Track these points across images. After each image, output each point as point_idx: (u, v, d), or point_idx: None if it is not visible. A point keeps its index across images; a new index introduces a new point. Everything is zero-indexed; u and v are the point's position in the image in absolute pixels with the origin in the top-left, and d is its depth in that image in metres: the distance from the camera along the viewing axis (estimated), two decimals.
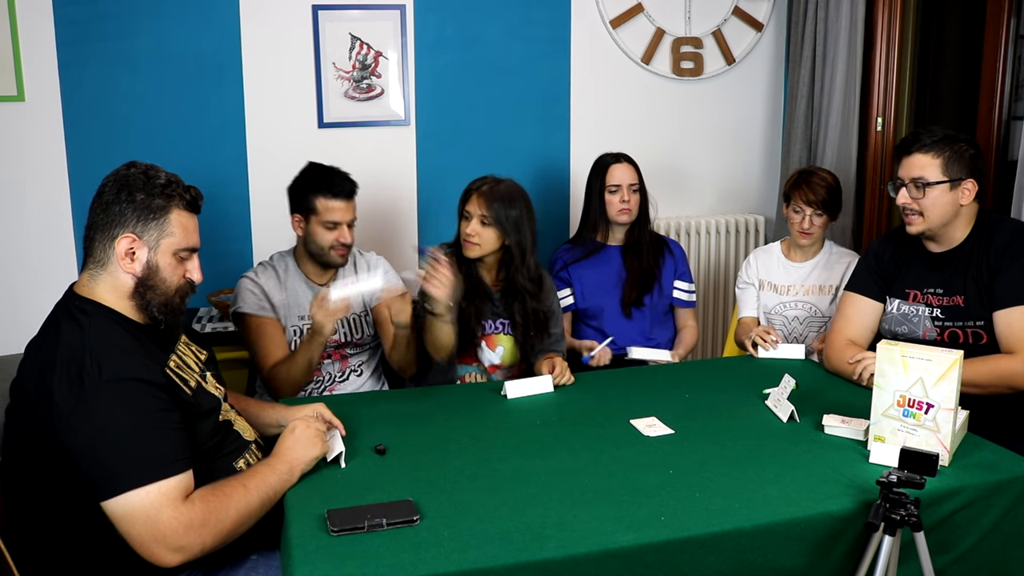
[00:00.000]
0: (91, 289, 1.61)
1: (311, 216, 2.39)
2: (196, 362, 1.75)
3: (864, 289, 2.33)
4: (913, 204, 2.15)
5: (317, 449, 1.71)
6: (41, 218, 3.06)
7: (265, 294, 2.40)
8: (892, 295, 2.29)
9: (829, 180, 2.66)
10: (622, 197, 2.73)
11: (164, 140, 3.11)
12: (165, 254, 1.62)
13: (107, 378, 1.48)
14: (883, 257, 2.33)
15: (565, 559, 1.42)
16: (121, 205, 1.59)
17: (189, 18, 3.08)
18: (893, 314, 2.28)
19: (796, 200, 2.66)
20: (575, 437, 1.93)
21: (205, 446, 1.64)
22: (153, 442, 1.49)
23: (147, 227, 1.60)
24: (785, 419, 2.01)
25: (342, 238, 2.39)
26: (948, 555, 1.67)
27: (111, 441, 1.46)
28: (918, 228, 2.17)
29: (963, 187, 2.12)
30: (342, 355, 2.51)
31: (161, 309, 1.63)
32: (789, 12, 3.63)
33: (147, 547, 1.46)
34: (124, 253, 1.59)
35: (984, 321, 2.13)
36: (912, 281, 2.26)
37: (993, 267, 2.11)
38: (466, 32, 3.35)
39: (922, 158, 2.13)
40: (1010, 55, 2.93)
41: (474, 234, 2.38)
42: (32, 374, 1.53)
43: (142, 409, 1.50)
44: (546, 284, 2.55)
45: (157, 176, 1.63)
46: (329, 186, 2.38)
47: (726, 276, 3.72)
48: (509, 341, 2.53)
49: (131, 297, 1.61)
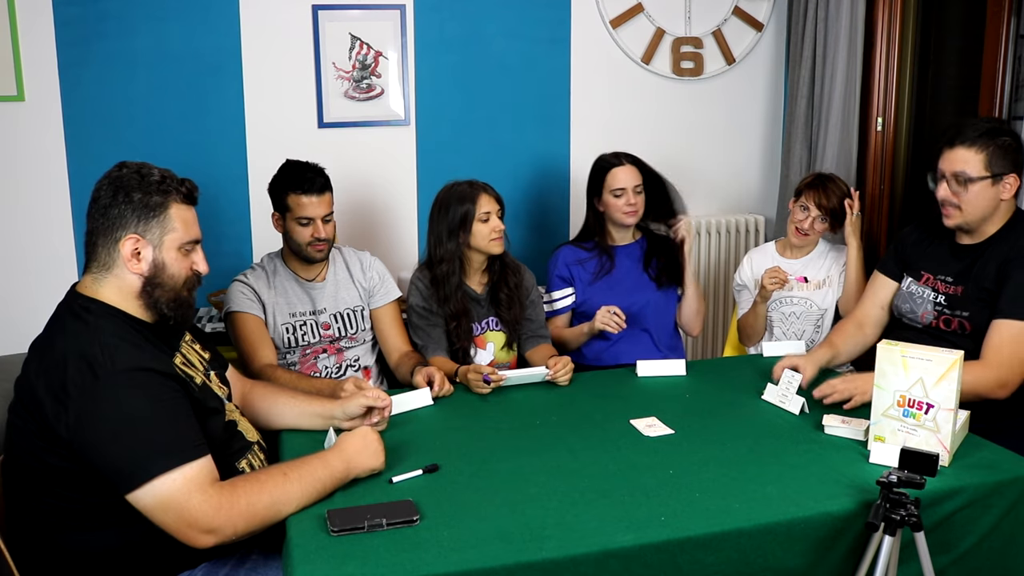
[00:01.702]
0: (95, 291, 1.61)
1: (287, 213, 2.43)
2: (200, 360, 1.76)
3: (883, 267, 2.41)
4: (953, 198, 2.13)
5: (379, 462, 1.71)
6: (41, 218, 3.06)
7: (255, 293, 2.43)
8: (908, 273, 2.32)
9: (844, 190, 2.67)
10: (628, 200, 2.70)
11: (164, 140, 3.10)
12: (170, 250, 1.63)
13: (121, 368, 1.48)
14: (910, 239, 2.36)
15: (565, 559, 1.42)
16: (120, 207, 1.59)
17: (189, 18, 3.08)
18: (903, 291, 2.31)
19: (808, 198, 2.66)
20: (575, 437, 1.93)
21: (213, 445, 1.64)
22: (173, 428, 1.50)
23: (149, 226, 1.60)
24: (797, 412, 2.02)
25: (317, 233, 2.41)
26: (948, 555, 1.67)
27: (131, 430, 1.46)
28: (955, 221, 2.16)
29: (1005, 182, 2.10)
30: (337, 348, 2.52)
31: (170, 305, 1.64)
32: (789, 12, 3.63)
33: (182, 532, 1.47)
34: (130, 254, 1.60)
35: (970, 313, 2.13)
36: (930, 265, 2.27)
37: (1006, 269, 2.10)
38: (466, 32, 3.35)
39: (965, 152, 2.09)
40: (1010, 55, 2.93)
41: (503, 228, 2.49)
42: (40, 373, 1.53)
43: (158, 396, 1.51)
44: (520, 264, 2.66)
45: (151, 174, 1.63)
46: (300, 183, 2.40)
47: (726, 276, 3.72)
48: (498, 336, 2.59)
49: (139, 296, 1.62)
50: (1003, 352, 2.02)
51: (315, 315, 2.49)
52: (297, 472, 1.58)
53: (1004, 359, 2.02)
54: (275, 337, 2.43)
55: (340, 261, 2.58)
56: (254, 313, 2.41)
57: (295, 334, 2.45)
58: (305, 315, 2.47)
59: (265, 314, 2.43)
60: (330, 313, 2.50)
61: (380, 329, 2.57)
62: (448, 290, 2.48)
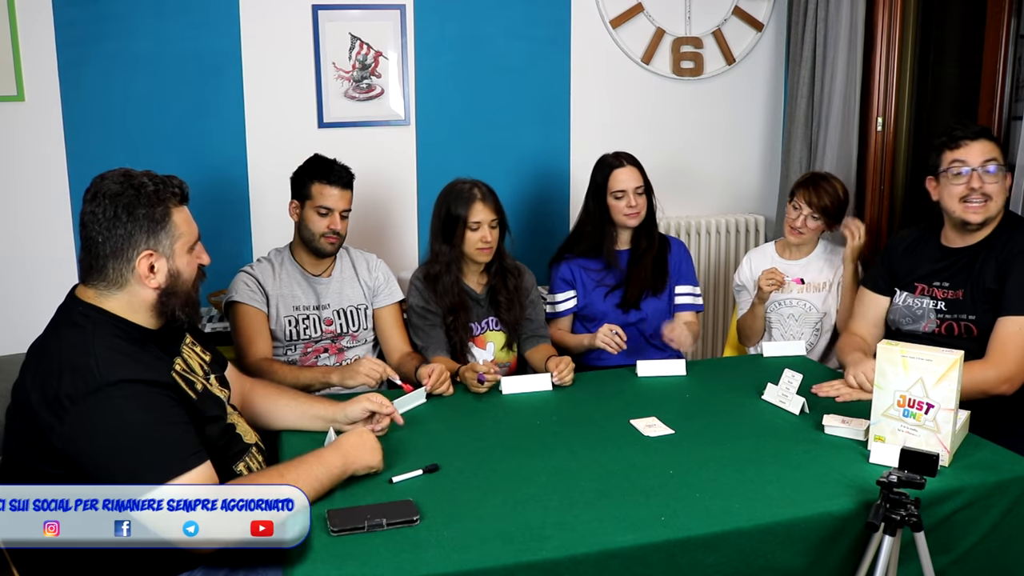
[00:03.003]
0: (99, 301, 1.60)
1: (306, 201, 2.46)
2: (200, 364, 1.75)
3: (870, 284, 2.41)
4: (988, 188, 2.13)
5: (376, 459, 1.71)
6: (41, 218, 3.06)
7: (259, 284, 2.45)
8: (901, 287, 2.32)
9: (837, 190, 2.68)
10: (628, 203, 2.67)
11: (164, 140, 3.10)
12: (181, 256, 1.63)
13: (114, 380, 1.47)
14: (897, 250, 2.37)
15: (565, 559, 1.42)
16: (125, 227, 1.56)
17: (189, 18, 3.08)
18: (899, 306, 2.30)
19: (799, 197, 2.68)
20: (575, 437, 1.93)
21: (212, 449, 1.64)
22: (168, 439, 1.49)
23: (159, 238, 1.59)
24: (797, 412, 2.02)
25: (333, 225, 2.45)
26: (948, 555, 1.67)
27: (126, 442, 1.46)
28: (984, 215, 2.15)
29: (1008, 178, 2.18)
30: (338, 348, 2.53)
31: (183, 308, 1.64)
32: (789, 12, 3.63)
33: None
34: (146, 271, 1.59)
35: (976, 316, 2.14)
36: (922, 274, 2.28)
37: (1006, 267, 2.11)
38: (466, 32, 3.35)
39: (987, 143, 2.15)
40: (1010, 55, 2.92)
41: (492, 239, 2.48)
42: (35, 381, 1.52)
43: (152, 407, 1.50)
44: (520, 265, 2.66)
45: (143, 184, 1.59)
46: (326, 173, 2.46)
47: (726, 276, 3.72)
48: (497, 336, 2.59)
49: (152, 308, 1.61)
50: (1008, 348, 2.04)
51: (319, 310, 2.50)
52: (294, 472, 1.58)
53: (1009, 355, 2.03)
54: (277, 329, 2.44)
55: (347, 259, 2.61)
56: (255, 305, 2.42)
57: (297, 327, 2.47)
58: (308, 309, 2.49)
59: (268, 306, 2.44)
60: (333, 309, 2.51)
61: (382, 329, 2.58)
62: (444, 285, 2.49)
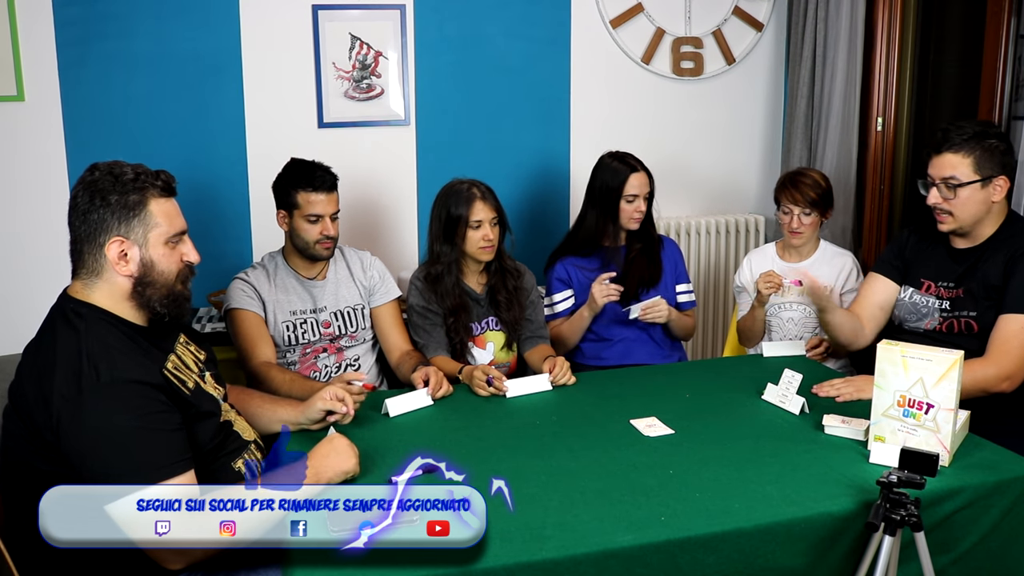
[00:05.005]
0: (86, 295, 1.60)
1: (294, 211, 2.44)
2: (195, 362, 1.75)
3: (883, 268, 2.39)
4: (944, 204, 2.14)
5: (351, 463, 1.68)
6: (40, 218, 3.05)
7: (255, 290, 2.43)
8: (908, 283, 2.31)
9: (817, 179, 2.67)
10: (639, 207, 2.70)
11: (164, 140, 3.10)
12: (156, 247, 1.62)
13: (105, 381, 1.48)
14: (908, 244, 2.36)
15: (565, 559, 1.42)
16: (98, 212, 1.57)
17: (189, 18, 3.08)
18: (904, 302, 2.30)
19: (784, 202, 2.68)
20: (575, 437, 1.93)
21: (207, 447, 1.64)
22: (152, 445, 1.49)
23: (131, 226, 1.59)
24: (797, 412, 2.02)
25: (325, 231, 2.43)
26: (948, 555, 1.67)
27: (110, 446, 1.46)
28: (949, 227, 2.17)
29: (995, 184, 2.11)
30: (337, 348, 2.53)
31: (163, 302, 1.63)
32: (789, 12, 3.63)
33: (153, 551, 1.46)
34: (117, 257, 1.58)
35: (977, 312, 2.14)
36: (929, 272, 2.27)
37: (1012, 265, 2.10)
38: (466, 32, 3.35)
39: (952, 157, 2.11)
40: (1010, 55, 2.92)
41: (494, 237, 2.48)
42: (30, 379, 1.53)
43: (140, 411, 1.50)
44: (520, 266, 2.66)
45: (124, 172, 1.60)
46: (309, 180, 2.42)
47: (726, 276, 3.72)
48: (497, 336, 2.59)
49: (130, 298, 1.61)
50: (1009, 345, 2.04)
51: (315, 313, 2.49)
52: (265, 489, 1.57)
53: (1010, 353, 2.03)
54: (275, 335, 2.44)
55: (341, 260, 2.59)
56: (253, 310, 2.41)
57: (295, 332, 2.46)
58: (305, 313, 2.48)
59: (265, 312, 2.43)
60: (330, 311, 2.51)
61: (380, 328, 2.57)
62: (445, 286, 2.49)
